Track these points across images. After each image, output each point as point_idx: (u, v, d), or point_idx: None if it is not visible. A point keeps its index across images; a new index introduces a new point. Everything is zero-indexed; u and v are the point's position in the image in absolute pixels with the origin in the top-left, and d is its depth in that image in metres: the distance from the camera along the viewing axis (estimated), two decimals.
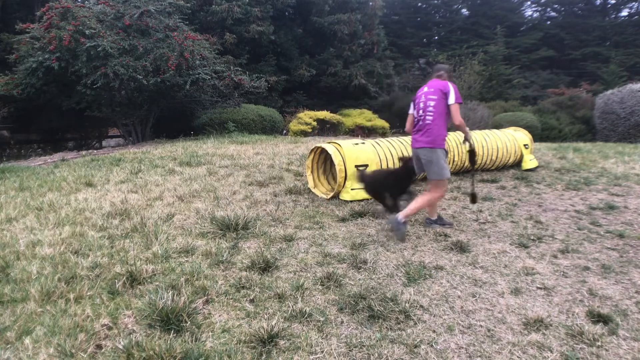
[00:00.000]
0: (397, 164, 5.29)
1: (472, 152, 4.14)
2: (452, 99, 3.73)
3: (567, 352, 2.21)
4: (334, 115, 14.26)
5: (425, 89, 3.90)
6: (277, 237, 3.72)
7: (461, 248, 3.55)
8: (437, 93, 3.78)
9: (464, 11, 32.06)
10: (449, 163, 5.99)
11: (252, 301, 2.67)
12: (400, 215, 3.69)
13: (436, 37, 31.31)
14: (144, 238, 3.62)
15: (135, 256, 3.22)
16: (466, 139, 4.01)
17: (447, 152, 3.94)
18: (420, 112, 3.85)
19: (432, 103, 3.77)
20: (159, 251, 3.29)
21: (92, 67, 9.31)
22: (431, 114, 3.77)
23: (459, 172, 6.31)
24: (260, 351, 2.18)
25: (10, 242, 3.53)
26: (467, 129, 3.93)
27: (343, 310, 2.57)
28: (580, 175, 6.39)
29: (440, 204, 4.89)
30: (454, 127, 4.01)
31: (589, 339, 2.32)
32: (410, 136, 4.16)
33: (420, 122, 3.86)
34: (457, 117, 3.73)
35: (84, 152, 9.59)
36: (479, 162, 6.29)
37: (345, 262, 3.24)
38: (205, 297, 2.67)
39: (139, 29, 10.37)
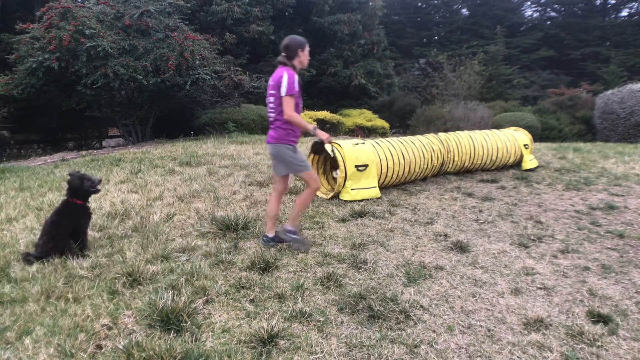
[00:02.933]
0: (398, 164, 5.31)
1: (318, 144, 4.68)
2: (283, 91, 3.25)
3: (567, 352, 2.22)
4: (334, 115, 14.24)
5: (270, 81, 3.39)
6: None
7: (461, 248, 3.55)
8: (274, 87, 3.32)
9: (464, 11, 32.07)
10: (450, 163, 5.99)
11: (252, 301, 2.67)
12: (287, 226, 3.52)
13: (436, 37, 31.31)
14: (144, 238, 3.62)
15: (135, 256, 3.22)
16: (311, 134, 3.46)
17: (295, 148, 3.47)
18: (268, 108, 3.45)
19: (272, 99, 3.36)
20: (159, 251, 3.30)
21: (92, 67, 9.30)
22: (272, 110, 3.38)
23: (458, 172, 6.31)
24: (260, 351, 2.18)
25: (10, 242, 3.53)
26: (304, 122, 3.33)
27: (343, 310, 2.58)
28: (580, 175, 6.39)
29: (440, 203, 4.90)
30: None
31: (589, 339, 2.32)
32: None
33: (269, 119, 3.46)
34: (286, 111, 3.27)
35: (84, 152, 9.58)
36: (480, 162, 6.30)
37: (345, 262, 3.24)
38: (205, 297, 2.67)
39: (139, 29, 10.36)
